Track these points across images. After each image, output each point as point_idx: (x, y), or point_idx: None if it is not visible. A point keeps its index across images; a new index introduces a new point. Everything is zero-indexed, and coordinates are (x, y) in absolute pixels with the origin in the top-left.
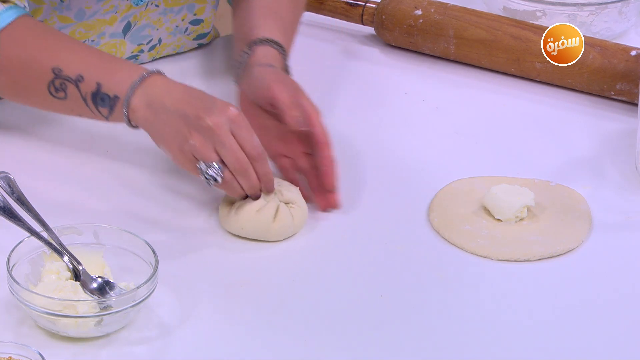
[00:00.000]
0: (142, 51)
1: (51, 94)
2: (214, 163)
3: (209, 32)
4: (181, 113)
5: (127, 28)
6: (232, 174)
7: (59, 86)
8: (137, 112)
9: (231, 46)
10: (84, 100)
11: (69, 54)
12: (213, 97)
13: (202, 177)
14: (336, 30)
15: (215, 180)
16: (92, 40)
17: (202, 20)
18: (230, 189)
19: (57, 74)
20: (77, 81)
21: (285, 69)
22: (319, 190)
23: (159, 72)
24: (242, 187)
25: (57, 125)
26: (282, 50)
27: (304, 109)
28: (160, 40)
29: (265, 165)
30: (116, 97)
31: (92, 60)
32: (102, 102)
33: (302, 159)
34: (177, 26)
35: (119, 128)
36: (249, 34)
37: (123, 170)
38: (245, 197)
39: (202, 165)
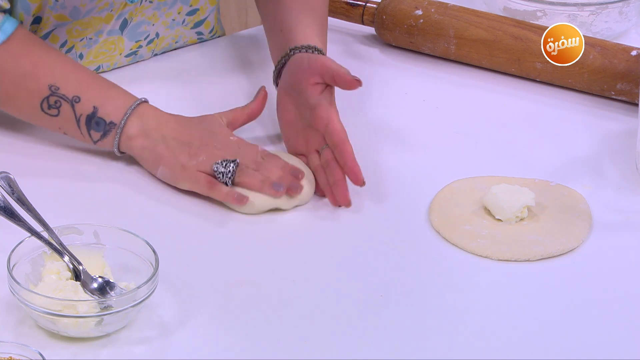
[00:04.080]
0: (140, 47)
1: (43, 110)
2: (229, 160)
3: (205, 19)
4: (183, 140)
5: (124, 25)
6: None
7: (53, 104)
8: (134, 140)
9: (267, 40)
10: (77, 121)
11: (66, 72)
12: (206, 121)
13: (220, 175)
14: (336, 30)
15: (229, 175)
16: (90, 38)
17: (197, 10)
18: (249, 178)
19: (53, 91)
20: (74, 101)
21: None
22: (330, 187)
23: (146, 101)
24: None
25: None
26: (322, 54)
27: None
28: (157, 34)
29: (279, 159)
30: (112, 124)
31: (89, 82)
32: (96, 126)
33: (315, 156)
34: (173, 19)
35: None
36: (287, 37)
37: (124, 170)
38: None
39: (219, 166)
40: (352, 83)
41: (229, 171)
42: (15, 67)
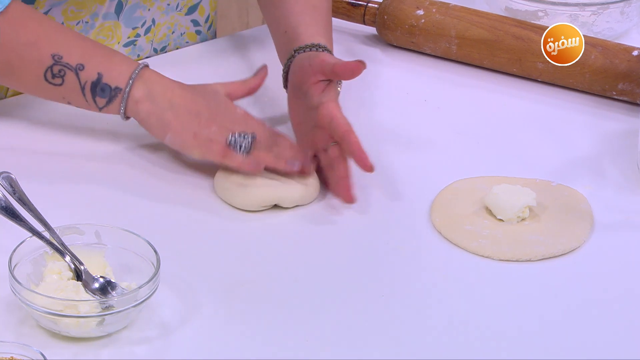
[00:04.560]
0: (138, 35)
1: (46, 79)
2: (246, 133)
3: (199, 3)
4: (191, 110)
5: (119, 8)
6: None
7: (57, 73)
8: (140, 104)
9: (273, 43)
10: (82, 88)
11: (68, 41)
12: (210, 91)
13: (237, 147)
14: (338, 31)
15: (247, 147)
16: (87, 22)
17: None
18: (263, 153)
19: (56, 60)
20: (78, 69)
21: None
22: (335, 186)
23: (147, 66)
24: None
25: (58, 125)
26: (328, 52)
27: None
28: (154, 21)
29: (287, 138)
30: (117, 89)
31: (91, 49)
32: (101, 93)
33: (324, 155)
34: (168, 4)
35: (121, 128)
36: (291, 38)
37: (125, 170)
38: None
39: (236, 137)
40: (355, 66)
41: (247, 144)
42: (16, 37)
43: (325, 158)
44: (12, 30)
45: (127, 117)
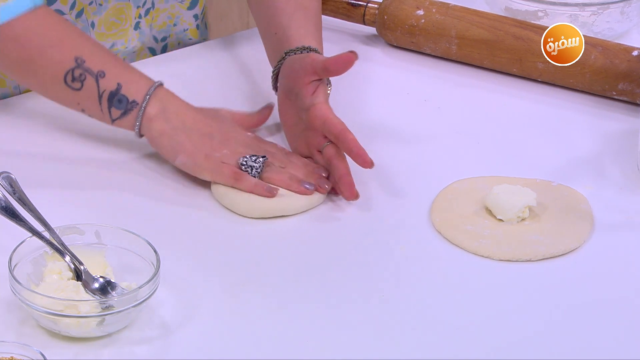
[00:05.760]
0: (140, 16)
1: (66, 82)
2: (258, 155)
3: None
4: (204, 132)
5: None
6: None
7: (78, 76)
8: (154, 122)
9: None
10: (100, 96)
11: (92, 48)
12: (220, 115)
13: (248, 169)
14: (338, 31)
15: (259, 169)
16: (100, 4)
17: None
18: (276, 174)
19: (79, 63)
20: (99, 76)
21: None
22: (337, 184)
23: (162, 84)
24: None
25: (59, 125)
26: (316, 53)
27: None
28: (153, 4)
29: (300, 157)
30: (134, 102)
31: (113, 59)
32: (118, 104)
33: (319, 157)
34: None
35: (122, 128)
36: (282, 40)
37: (125, 170)
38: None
39: (248, 159)
40: (347, 58)
41: (259, 165)
42: (42, 35)
43: (321, 159)
44: (39, 29)
45: (142, 135)
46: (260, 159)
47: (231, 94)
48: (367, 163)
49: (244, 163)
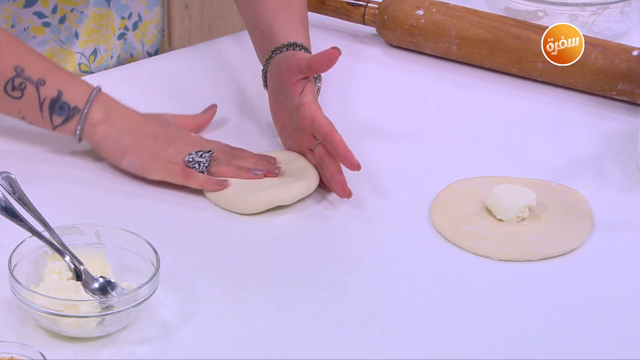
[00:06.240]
0: (127, 29)
1: (6, 91)
2: (203, 150)
3: None
4: (149, 133)
5: None
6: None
7: (18, 85)
8: (98, 127)
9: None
10: (41, 104)
11: (30, 56)
12: (163, 118)
13: (195, 165)
14: (338, 31)
15: (206, 164)
16: (82, 12)
17: None
18: (223, 166)
19: (18, 72)
20: (39, 84)
21: None
22: (329, 183)
23: (101, 89)
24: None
25: None
26: (307, 51)
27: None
28: (140, 17)
29: (247, 150)
30: (76, 109)
31: (52, 66)
32: (60, 111)
33: (310, 155)
34: None
35: None
36: (268, 38)
37: (125, 170)
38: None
39: (194, 156)
40: (331, 54)
41: (205, 160)
42: None
43: (312, 158)
44: None
45: (81, 139)
46: (206, 154)
47: (231, 94)
48: (353, 166)
49: (191, 160)
